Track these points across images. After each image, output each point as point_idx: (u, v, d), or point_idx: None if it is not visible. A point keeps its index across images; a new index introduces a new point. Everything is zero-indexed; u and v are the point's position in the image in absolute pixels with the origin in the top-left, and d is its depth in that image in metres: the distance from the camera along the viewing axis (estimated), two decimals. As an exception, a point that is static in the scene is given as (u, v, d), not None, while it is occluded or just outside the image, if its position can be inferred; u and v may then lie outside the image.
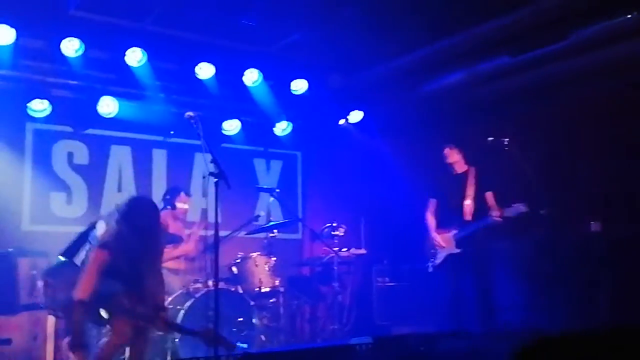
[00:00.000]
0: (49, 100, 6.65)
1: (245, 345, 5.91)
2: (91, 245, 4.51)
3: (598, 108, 6.38)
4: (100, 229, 4.75)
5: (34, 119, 6.75)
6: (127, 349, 4.57)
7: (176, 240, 6.40)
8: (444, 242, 6.30)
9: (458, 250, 6.20)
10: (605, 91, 6.30)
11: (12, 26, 5.93)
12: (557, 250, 6.15)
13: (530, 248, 6.34)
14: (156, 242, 4.64)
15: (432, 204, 6.54)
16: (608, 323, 5.39)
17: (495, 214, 5.99)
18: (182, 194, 6.67)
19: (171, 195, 6.67)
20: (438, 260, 6.33)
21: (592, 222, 6.26)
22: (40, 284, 4.46)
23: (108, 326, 4.46)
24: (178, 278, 6.36)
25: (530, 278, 6.17)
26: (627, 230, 6.04)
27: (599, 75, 6.28)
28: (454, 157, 6.45)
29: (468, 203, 6.24)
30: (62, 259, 4.57)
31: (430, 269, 6.41)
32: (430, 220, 6.49)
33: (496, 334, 4.77)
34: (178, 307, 5.78)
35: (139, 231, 4.47)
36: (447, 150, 6.49)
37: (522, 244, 6.48)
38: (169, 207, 6.55)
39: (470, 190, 6.26)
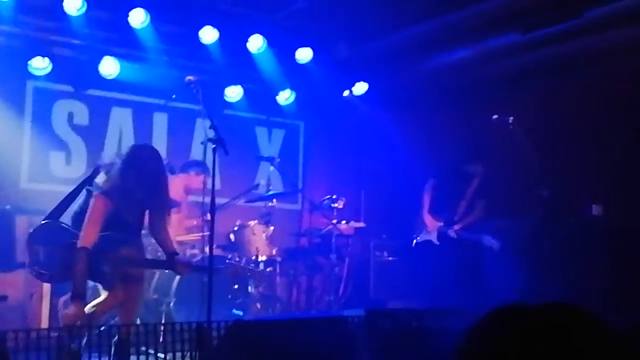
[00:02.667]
0: (50, 59, 6.58)
1: (240, 313, 5.93)
2: (92, 194, 4.49)
3: (608, 91, 6.29)
4: (101, 177, 4.72)
5: (34, 77, 6.68)
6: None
7: (173, 205, 6.35)
8: (430, 225, 6.42)
9: (437, 243, 6.40)
10: (616, 74, 6.20)
11: (14, -18, 5.84)
12: (556, 232, 6.11)
13: (529, 228, 6.31)
14: (161, 188, 4.61)
15: (431, 183, 6.54)
16: (600, 306, 5.38)
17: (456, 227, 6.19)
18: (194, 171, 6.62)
19: (187, 165, 6.66)
20: (420, 239, 6.47)
21: (593, 205, 6.22)
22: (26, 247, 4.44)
23: (104, 285, 4.45)
24: (175, 243, 6.34)
25: (527, 258, 6.15)
26: (628, 215, 6.00)
27: (609, 57, 6.18)
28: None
29: (463, 204, 6.31)
30: (44, 221, 4.53)
31: (413, 244, 6.55)
32: (426, 198, 6.52)
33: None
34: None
35: (143, 178, 4.45)
36: None
37: (521, 224, 6.45)
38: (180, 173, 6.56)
39: (469, 194, 6.33)
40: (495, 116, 5.96)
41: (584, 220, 6.23)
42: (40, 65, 6.58)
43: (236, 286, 5.97)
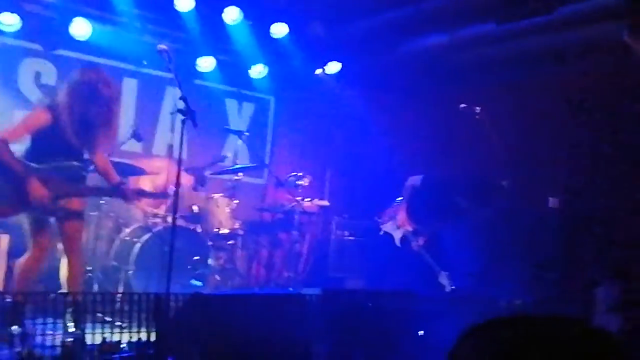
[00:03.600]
0: (19, 15, 6.42)
1: (199, 284, 5.96)
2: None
3: (573, 86, 6.42)
4: None
5: (2, 33, 6.51)
6: (63, 265, 4.54)
7: (138, 172, 6.32)
8: (401, 222, 6.50)
9: (398, 245, 6.52)
10: (584, 70, 6.33)
11: None
12: (514, 223, 6.27)
13: (488, 217, 6.45)
14: (111, 116, 4.55)
15: (417, 184, 6.54)
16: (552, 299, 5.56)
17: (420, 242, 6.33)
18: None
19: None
20: (386, 229, 6.55)
21: (550, 198, 6.38)
22: None
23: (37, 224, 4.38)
24: (138, 210, 6.33)
25: (485, 248, 6.30)
26: (584, 208, 6.17)
27: (578, 54, 6.30)
28: None
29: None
30: None
31: (381, 232, 6.62)
32: (406, 194, 6.56)
33: (441, 298, 4.90)
34: (134, 239, 5.78)
35: (93, 100, 4.38)
36: None
37: (481, 212, 6.59)
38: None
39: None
40: (463, 105, 6.05)
41: (541, 211, 6.39)
42: (9, 21, 6.40)
43: (196, 257, 5.99)
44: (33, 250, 4.47)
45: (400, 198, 6.74)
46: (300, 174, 7.21)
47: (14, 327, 3.78)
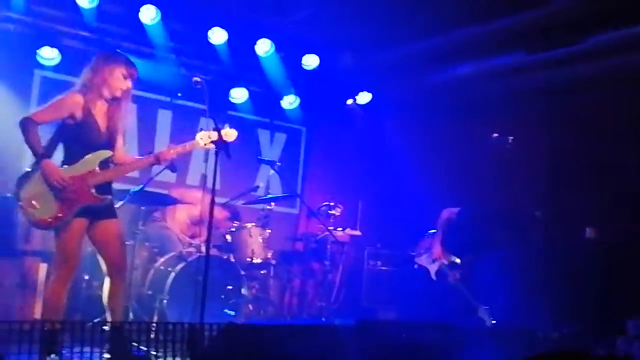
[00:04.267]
0: (59, 50, 6.63)
1: (232, 313, 5.96)
2: None
3: (609, 115, 6.35)
4: None
5: (42, 67, 6.73)
6: (105, 287, 4.51)
7: (172, 201, 6.40)
8: (436, 254, 6.44)
9: (434, 278, 6.46)
10: (619, 99, 6.27)
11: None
12: (550, 254, 6.17)
13: (525, 250, 6.36)
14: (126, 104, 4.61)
15: (453, 216, 6.49)
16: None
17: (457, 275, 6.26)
18: None
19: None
20: (421, 262, 6.48)
21: (587, 228, 6.28)
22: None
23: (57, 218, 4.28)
24: (172, 239, 6.39)
25: (521, 281, 6.21)
26: (621, 237, 6.06)
27: (610, 83, 6.25)
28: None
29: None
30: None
31: (416, 266, 6.54)
32: (442, 225, 6.51)
33: (479, 330, 4.83)
34: (169, 269, 5.82)
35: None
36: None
37: (517, 246, 6.50)
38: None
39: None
40: (495, 134, 6.02)
41: (577, 242, 6.28)
42: (49, 55, 6.62)
43: (230, 287, 6.01)
44: (59, 269, 4.33)
45: (433, 230, 6.68)
46: (332, 203, 7.21)
47: (52, 356, 3.82)
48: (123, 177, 5.30)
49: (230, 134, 4.67)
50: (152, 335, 4.40)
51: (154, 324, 4.70)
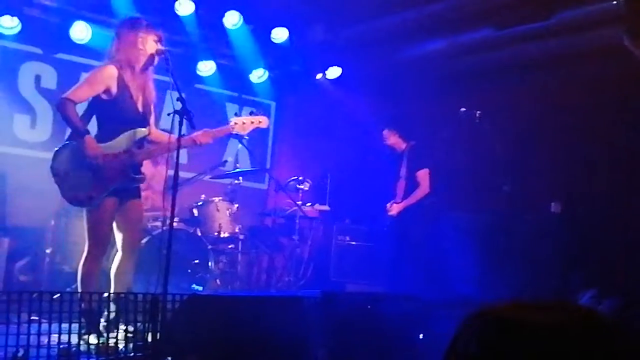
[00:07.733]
0: (19, 19, 6.43)
1: (200, 288, 5.93)
2: None
3: (573, 91, 6.41)
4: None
5: (2, 36, 6.53)
6: (116, 262, 4.44)
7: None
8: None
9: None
10: (583, 75, 6.32)
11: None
12: (514, 227, 6.23)
13: (489, 223, 6.43)
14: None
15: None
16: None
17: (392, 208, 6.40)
18: None
19: None
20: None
21: (552, 203, 6.35)
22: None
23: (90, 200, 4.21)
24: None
25: (485, 252, 6.27)
26: (585, 213, 6.15)
27: (577, 59, 6.29)
28: (392, 139, 6.70)
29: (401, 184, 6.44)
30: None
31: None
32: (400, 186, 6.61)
33: (442, 301, 4.86)
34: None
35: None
36: (385, 132, 6.72)
37: (481, 218, 6.57)
38: None
39: (403, 171, 6.43)
40: (463, 109, 6.03)
41: (542, 216, 6.36)
42: (8, 24, 6.42)
43: (196, 261, 5.96)
44: (93, 247, 4.29)
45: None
46: (301, 178, 7.19)
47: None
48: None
49: (264, 121, 4.78)
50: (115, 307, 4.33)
51: (116, 295, 4.61)
